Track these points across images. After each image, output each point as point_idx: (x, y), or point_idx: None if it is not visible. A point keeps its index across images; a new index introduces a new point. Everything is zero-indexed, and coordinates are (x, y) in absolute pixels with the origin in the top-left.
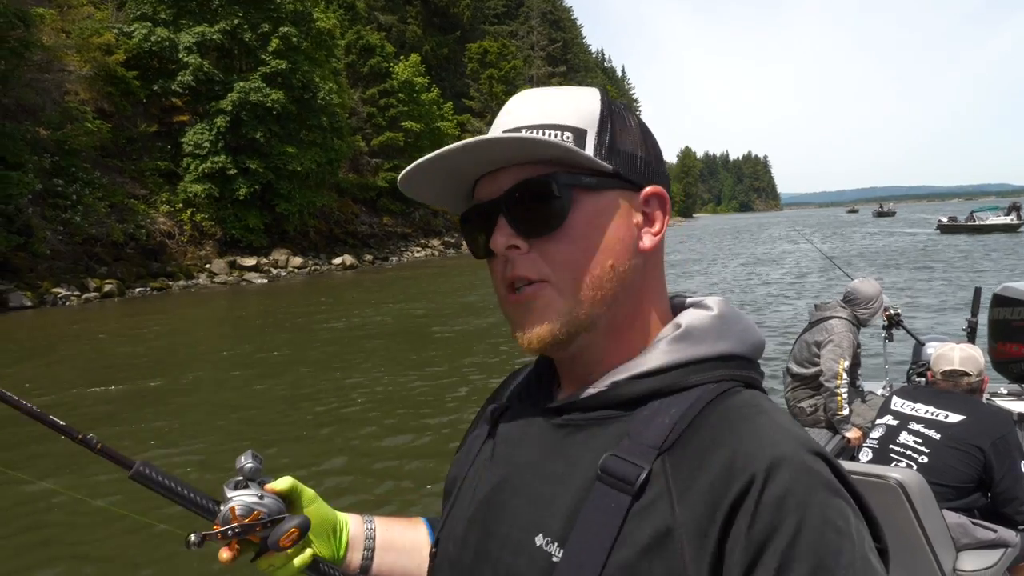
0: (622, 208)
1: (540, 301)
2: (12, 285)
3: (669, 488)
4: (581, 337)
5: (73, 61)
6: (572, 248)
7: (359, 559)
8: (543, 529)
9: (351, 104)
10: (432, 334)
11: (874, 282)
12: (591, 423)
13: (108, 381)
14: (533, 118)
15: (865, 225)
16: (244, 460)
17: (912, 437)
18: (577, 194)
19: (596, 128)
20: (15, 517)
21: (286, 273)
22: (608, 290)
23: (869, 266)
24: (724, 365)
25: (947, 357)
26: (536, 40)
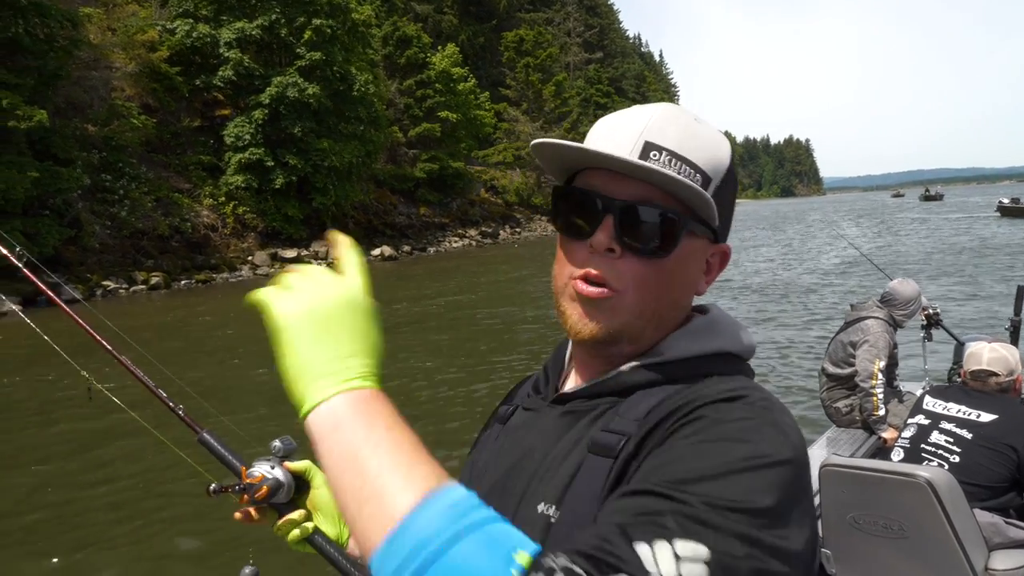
0: (701, 256)
1: (607, 304)
2: (63, 278)
3: (640, 438)
4: (624, 344)
5: (119, 59)
6: (657, 279)
7: None
8: (544, 498)
9: (388, 95)
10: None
11: (913, 283)
12: (592, 408)
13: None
14: (676, 145)
15: (912, 210)
16: (275, 442)
17: (944, 436)
18: (685, 235)
19: (719, 181)
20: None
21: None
22: (663, 319)
23: (928, 281)
24: (720, 360)
25: (976, 356)
26: (572, 27)
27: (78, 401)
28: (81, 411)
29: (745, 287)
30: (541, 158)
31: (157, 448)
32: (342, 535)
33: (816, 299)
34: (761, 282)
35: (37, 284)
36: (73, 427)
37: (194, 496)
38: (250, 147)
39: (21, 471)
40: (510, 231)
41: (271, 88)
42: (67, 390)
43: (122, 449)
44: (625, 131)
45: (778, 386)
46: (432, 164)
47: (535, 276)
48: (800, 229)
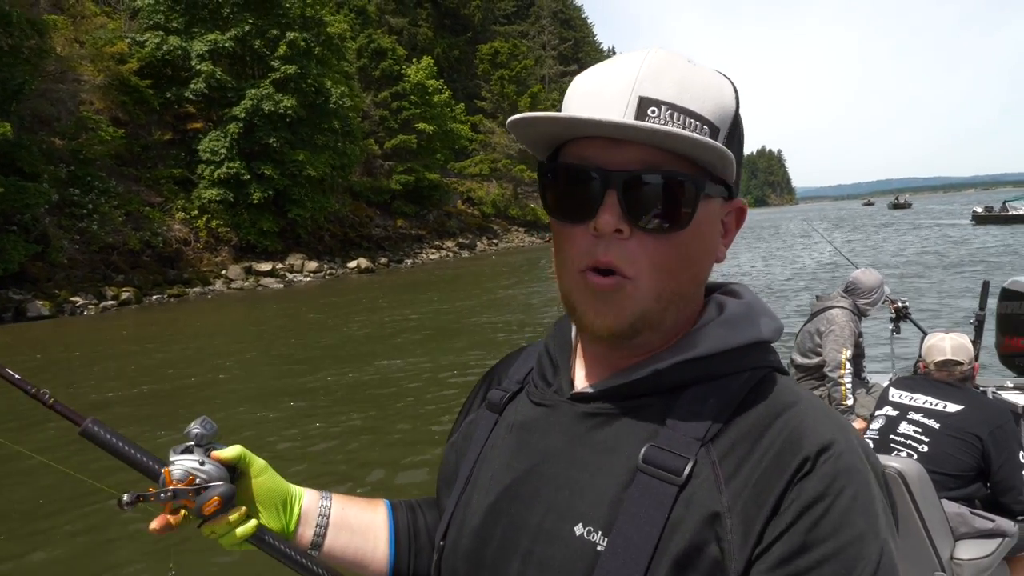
0: (717, 218)
1: (622, 294)
2: (30, 295)
3: (716, 476)
4: (645, 332)
5: (87, 71)
6: (676, 254)
7: (311, 535)
8: (582, 519)
9: (363, 107)
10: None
11: (875, 272)
12: (627, 411)
13: (150, 382)
14: (675, 96)
15: (881, 218)
16: (193, 426)
17: (912, 427)
18: (702, 200)
19: (727, 129)
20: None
21: (302, 278)
22: (685, 296)
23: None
24: (756, 351)
25: (939, 347)
26: (547, 40)
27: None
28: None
29: None
30: (520, 136)
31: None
32: (288, 526)
33: (792, 294)
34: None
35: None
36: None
37: (81, 509)
38: (226, 161)
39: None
40: (487, 242)
41: (245, 101)
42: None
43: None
44: (614, 87)
45: None
46: (408, 176)
47: (519, 284)
48: (787, 242)
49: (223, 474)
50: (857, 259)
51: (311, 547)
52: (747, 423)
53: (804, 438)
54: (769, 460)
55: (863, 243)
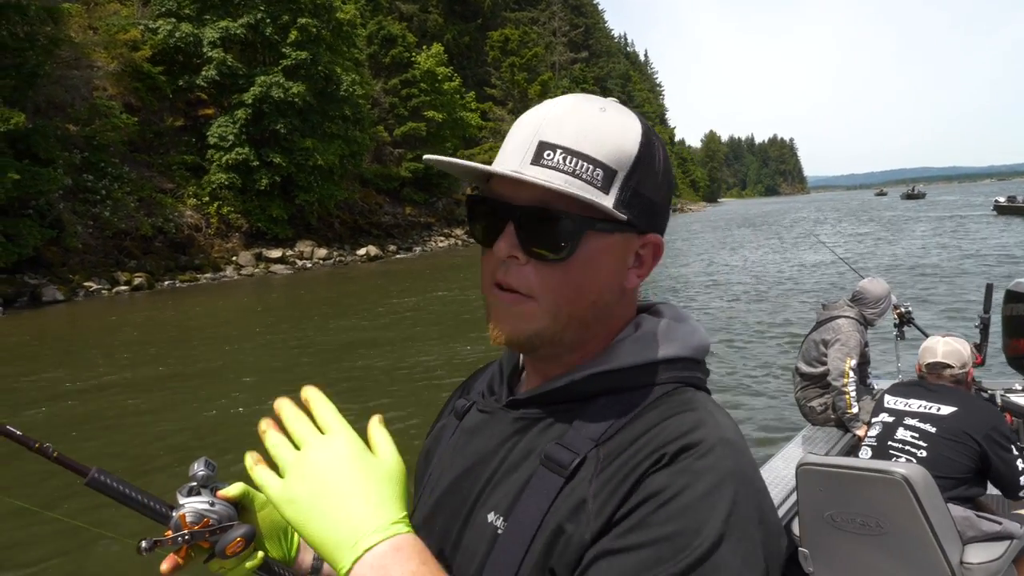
0: (620, 251)
1: (519, 309)
2: (45, 279)
3: (595, 470)
4: (544, 348)
5: (101, 57)
6: (565, 280)
7: (310, 559)
8: (494, 508)
9: (373, 94)
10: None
11: (883, 282)
12: (545, 416)
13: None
14: (573, 140)
15: (894, 209)
16: (197, 467)
17: (909, 432)
18: (587, 235)
19: (626, 172)
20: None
21: (311, 264)
22: (583, 319)
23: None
24: (671, 367)
25: (931, 350)
26: (558, 26)
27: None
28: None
29: (721, 287)
30: (447, 171)
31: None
32: (289, 553)
33: (796, 299)
34: (739, 281)
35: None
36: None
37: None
38: (235, 147)
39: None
40: None
41: (255, 87)
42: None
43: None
44: (523, 132)
45: (754, 386)
46: (417, 163)
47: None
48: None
49: (232, 512)
50: (865, 264)
51: (311, 571)
52: (638, 427)
53: (674, 438)
54: (635, 454)
55: (873, 238)
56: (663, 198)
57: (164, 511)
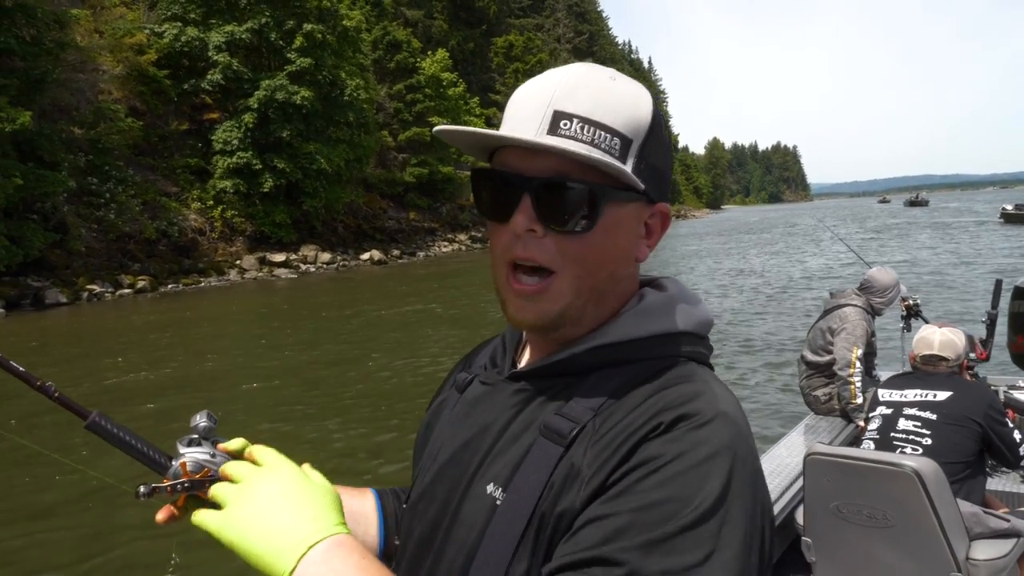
0: (635, 220)
1: (546, 291)
2: (48, 282)
3: (591, 439)
4: (568, 325)
5: (106, 61)
6: (586, 251)
7: None
8: (494, 479)
9: (378, 99)
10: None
11: (891, 271)
12: (547, 388)
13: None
14: (589, 109)
15: (898, 216)
16: (199, 419)
17: (910, 422)
18: (608, 205)
19: (642, 140)
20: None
21: (315, 269)
22: (602, 291)
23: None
24: (673, 341)
25: (927, 341)
26: (562, 33)
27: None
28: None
29: (731, 284)
30: (455, 143)
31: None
32: None
33: (804, 290)
34: (745, 283)
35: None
36: None
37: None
38: (238, 151)
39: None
40: None
41: (260, 92)
42: None
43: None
44: (533, 103)
45: (759, 376)
46: (422, 169)
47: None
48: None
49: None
50: (872, 257)
51: None
52: (636, 396)
53: (670, 407)
54: (632, 422)
55: (878, 243)
56: (668, 168)
57: (163, 461)
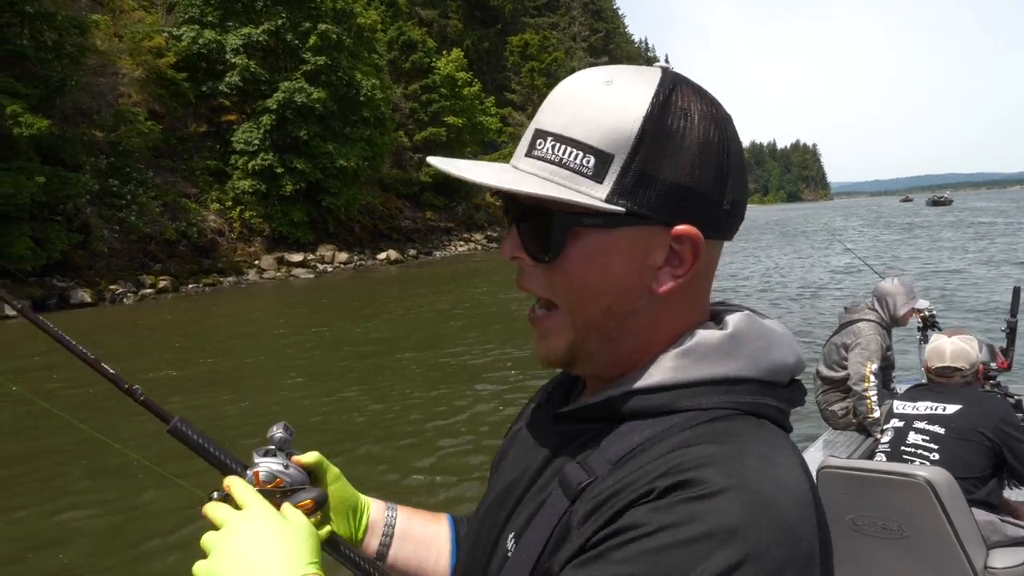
0: (631, 248)
1: (549, 325)
2: (72, 282)
3: (591, 494)
4: (582, 363)
5: (126, 64)
6: (566, 282)
7: (376, 544)
8: (515, 529)
9: (393, 99)
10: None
11: (903, 282)
12: (582, 433)
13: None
14: (564, 125)
15: (920, 215)
16: (276, 430)
17: (919, 436)
18: (576, 233)
19: (626, 154)
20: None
21: (332, 268)
22: (602, 328)
23: None
24: (728, 390)
25: (939, 352)
26: (578, 31)
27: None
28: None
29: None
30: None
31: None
32: (356, 534)
33: (819, 304)
34: (762, 286)
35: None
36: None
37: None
38: (260, 152)
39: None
40: None
41: (278, 93)
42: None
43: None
44: (534, 121)
45: None
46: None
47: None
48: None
49: (304, 478)
50: (883, 267)
51: (376, 556)
52: (654, 453)
53: (675, 471)
54: (631, 482)
55: (898, 244)
56: (700, 180)
57: (239, 469)
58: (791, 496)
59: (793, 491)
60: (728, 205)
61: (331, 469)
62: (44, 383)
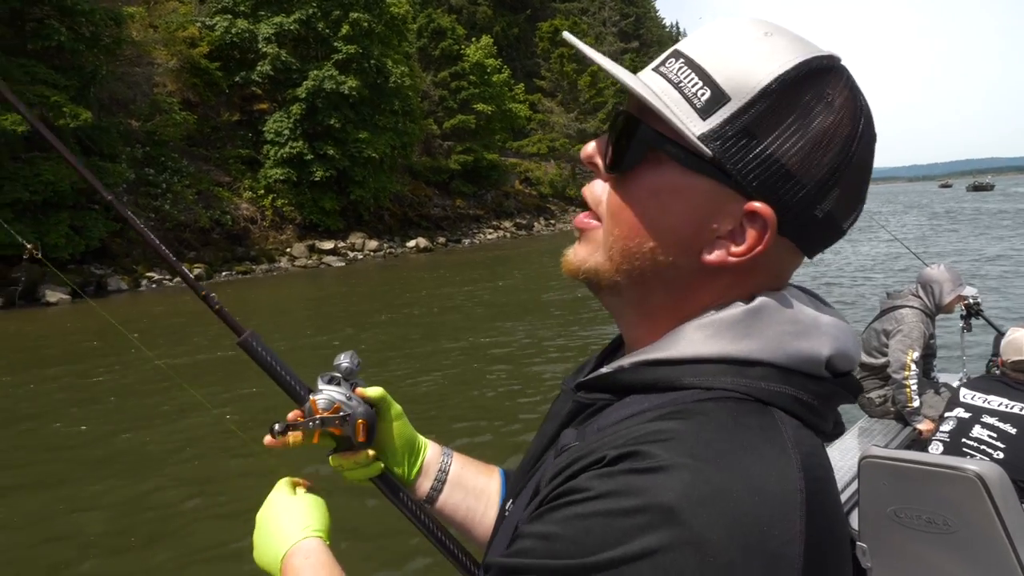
0: (700, 200)
1: (585, 235)
2: (110, 270)
3: (567, 456)
4: (606, 294)
5: (160, 55)
6: (622, 204)
7: (428, 487)
8: (515, 494)
9: (423, 87)
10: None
11: (949, 268)
12: (591, 404)
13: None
14: (698, 53)
15: (961, 201)
16: (342, 358)
17: (986, 431)
18: (655, 156)
19: (742, 103)
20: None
21: (362, 256)
22: (640, 270)
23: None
24: (738, 371)
25: (1016, 346)
26: (608, 16)
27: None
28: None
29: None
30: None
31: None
32: (409, 474)
33: (861, 290)
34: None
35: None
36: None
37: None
38: (290, 141)
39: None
40: (544, 223)
41: (308, 82)
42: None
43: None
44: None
45: None
46: (467, 156)
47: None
48: None
49: (366, 410)
50: (930, 254)
51: (426, 499)
52: (631, 422)
53: (631, 443)
54: (593, 449)
55: (940, 230)
56: (803, 169)
57: (303, 393)
58: (757, 488)
59: (762, 484)
60: (821, 214)
61: (394, 406)
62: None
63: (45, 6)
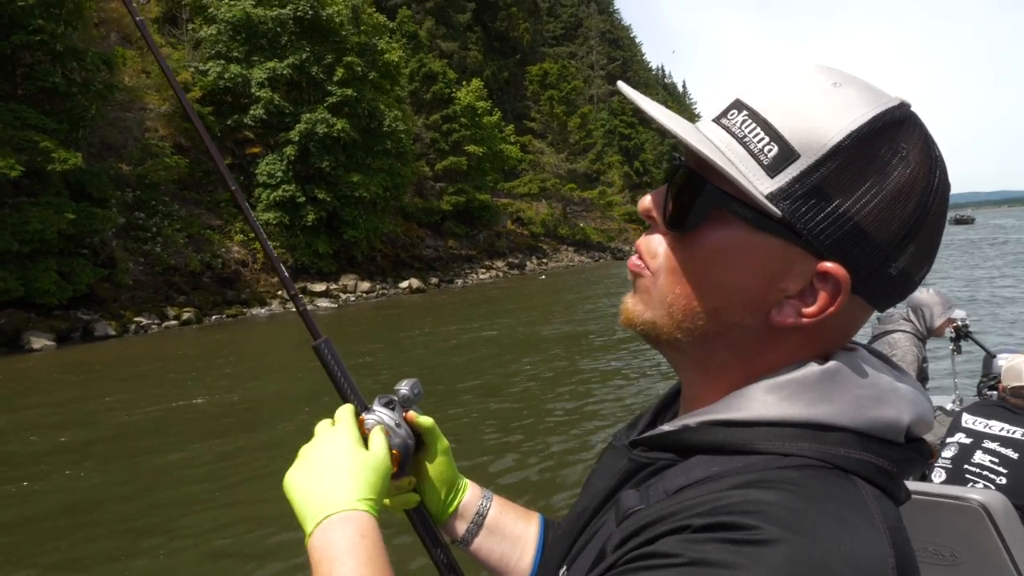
0: (768, 260)
1: (640, 284)
2: (97, 315)
3: (633, 520)
4: (665, 348)
5: (153, 100)
6: (684, 262)
7: (463, 529)
8: (570, 560)
9: (415, 130)
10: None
11: (937, 292)
12: (651, 463)
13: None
14: (764, 106)
15: (945, 234)
16: (403, 385)
17: (988, 457)
18: (720, 215)
19: (813, 160)
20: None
21: (354, 298)
22: (703, 329)
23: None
24: (816, 437)
25: (1016, 371)
26: (595, 60)
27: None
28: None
29: None
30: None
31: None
32: (443, 514)
33: None
34: None
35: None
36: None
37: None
38: (282, 184)
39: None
40: (536, 262)
41: (300, 125)
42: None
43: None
44: (738, 90)
45: None
46: (458, 197)
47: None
48: None
49: (402, 442)
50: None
51: (460, 541)
52: (711, 487)
53: (720, 512)
54: (672, 512)
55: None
56: (878, 227)
57: (358, 406)
58: (854, 564)
59: (858, 560)
60: (896, 272)
61: (442, 440)
62: (81, 410)
63: (37, 51)
